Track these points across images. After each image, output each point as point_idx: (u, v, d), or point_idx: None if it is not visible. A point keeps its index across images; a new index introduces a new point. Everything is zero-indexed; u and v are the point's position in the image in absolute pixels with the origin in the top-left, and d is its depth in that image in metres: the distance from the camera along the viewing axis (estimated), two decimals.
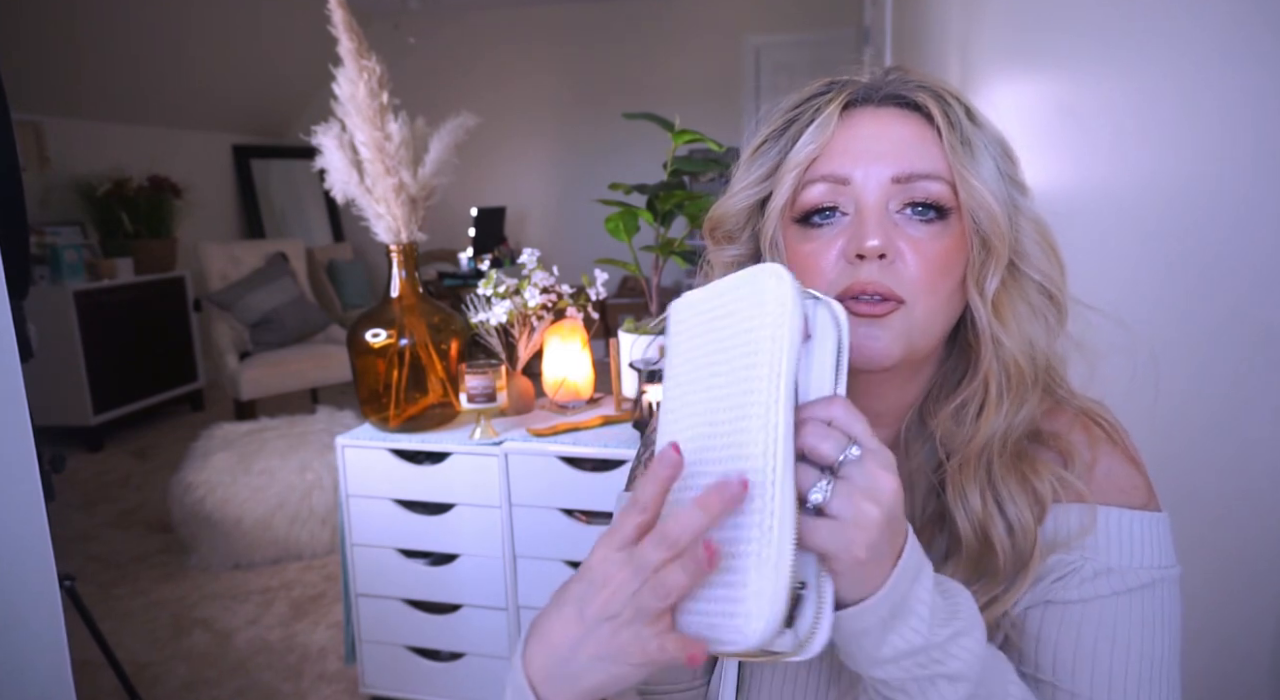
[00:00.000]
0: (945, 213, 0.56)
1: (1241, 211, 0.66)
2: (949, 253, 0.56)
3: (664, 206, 1.84)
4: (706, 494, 0.43)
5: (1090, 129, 0.99)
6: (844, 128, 0.58)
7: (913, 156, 0.56)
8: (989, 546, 0.55)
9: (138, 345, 4.24)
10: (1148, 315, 0.78)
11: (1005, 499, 0.56)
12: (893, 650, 0.46)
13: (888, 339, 0.54)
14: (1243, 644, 0.68)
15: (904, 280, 0.55)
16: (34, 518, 1.02)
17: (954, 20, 1.95)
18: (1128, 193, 0.88)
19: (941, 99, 0.58)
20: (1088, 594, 0.54)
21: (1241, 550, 0.68)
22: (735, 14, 5.55)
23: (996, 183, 0.56)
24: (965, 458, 0.57)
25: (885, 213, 0.56)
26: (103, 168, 4.48)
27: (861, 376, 0.59)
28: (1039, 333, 0.57)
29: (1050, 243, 0.59)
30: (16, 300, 1.32)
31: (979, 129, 0.58)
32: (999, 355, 0.56)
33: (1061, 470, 0.56)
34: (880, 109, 0.58)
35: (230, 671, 2.16)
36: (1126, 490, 0.57)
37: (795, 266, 0.59)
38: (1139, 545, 0.55)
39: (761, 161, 0.61)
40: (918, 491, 0.61)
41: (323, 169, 1.74)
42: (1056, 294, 0.58)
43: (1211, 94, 0.70)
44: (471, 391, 1.71)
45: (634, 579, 0.44)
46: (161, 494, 3.08)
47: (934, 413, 0.60)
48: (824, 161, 0.57)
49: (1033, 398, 0.57)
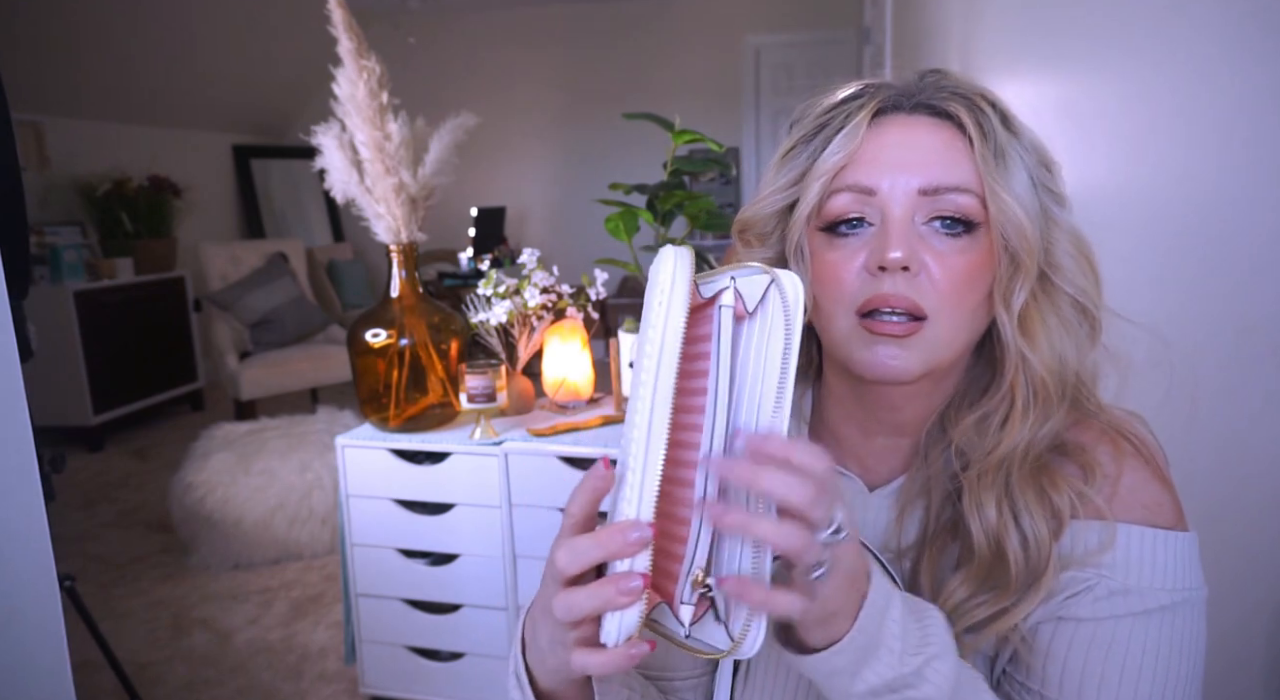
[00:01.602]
0: (973, 226, 0.54)
1: (1258, 213, 0.66)
2: (975, 267, 0.54)
3: (664, 206, 1.84)
4: (586, 475, 0.45)
5: (1091, 129, 0.99)
6: (873, 136, 0.57)
7: (941, 168, 0.54)
8: (1002, 558, 0.54)
9: (138, 345, 4.24)
10: (1150, 318, 0.78)
11: (1022, 511, 0.54)
12: (866, 685, 0.46)
13: (908, 358, 0.54)
14: (1236, 646, 0.68)
15: (927, 294, 0.54)
16: (34, 518, 1.02)
17: (954, 20, 1.95)
18: (1128, 193, 0.88)
19: (976, 107, 0.56)
20: (1100, 613, 0.53)
21: (1242, 552, 0.68)
22: (735, 14, 5.55)
23: (1029, 195, 0.54)
24: (984, 468, 0.56)
25: (911, 224, 0.54)
26: (103, 168, 4.48)
27: (883, 388, 0.58)
28: (1069, 347, 0.56)
29: (1086, 256, 0.57)
30: (16, 300, 1.32)
31: (1014, 137, 0.56)
32: (1025, 371, 0.55)
33: (1082, 485, 0.55)
34: (911, 117, 0.57)
35: (230, 671, 2.16)
36: (1150, 507, 0.55)
37: (819, 274, 0.58)
38: (1160, 566, 0.53)
39: (791, 166, 0.60)
40: (934, 498, 0.60)
41: (323, 169, 1.74)
42: (1090, 308, 0.57)
43: (1212, 94, 0.70)
44: (471, 391, 1.71)
45: (550, 587, 0.46)
46: (161, 494, 3.08)
47: (956, 420, 0.59)
48: (851, 170, 0.56)
49: (1059, 412, 0.56)
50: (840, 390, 0.63)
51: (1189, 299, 0.74)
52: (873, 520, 0.62)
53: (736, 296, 0.46)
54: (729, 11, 5.56)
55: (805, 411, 0.67)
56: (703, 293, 0.47)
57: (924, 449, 0.61)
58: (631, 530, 0.42)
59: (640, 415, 0.43)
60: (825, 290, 0.57)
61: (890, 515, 0.61)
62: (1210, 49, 0.70)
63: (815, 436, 0.66)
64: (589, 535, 0.44)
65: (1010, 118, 0.57)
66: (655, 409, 0.43)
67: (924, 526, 0.60)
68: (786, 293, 0.45)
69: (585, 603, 0.43)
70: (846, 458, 0.64)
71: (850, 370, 0.57)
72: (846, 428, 0.64)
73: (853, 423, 0.63)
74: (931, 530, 0.59)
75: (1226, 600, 0.68)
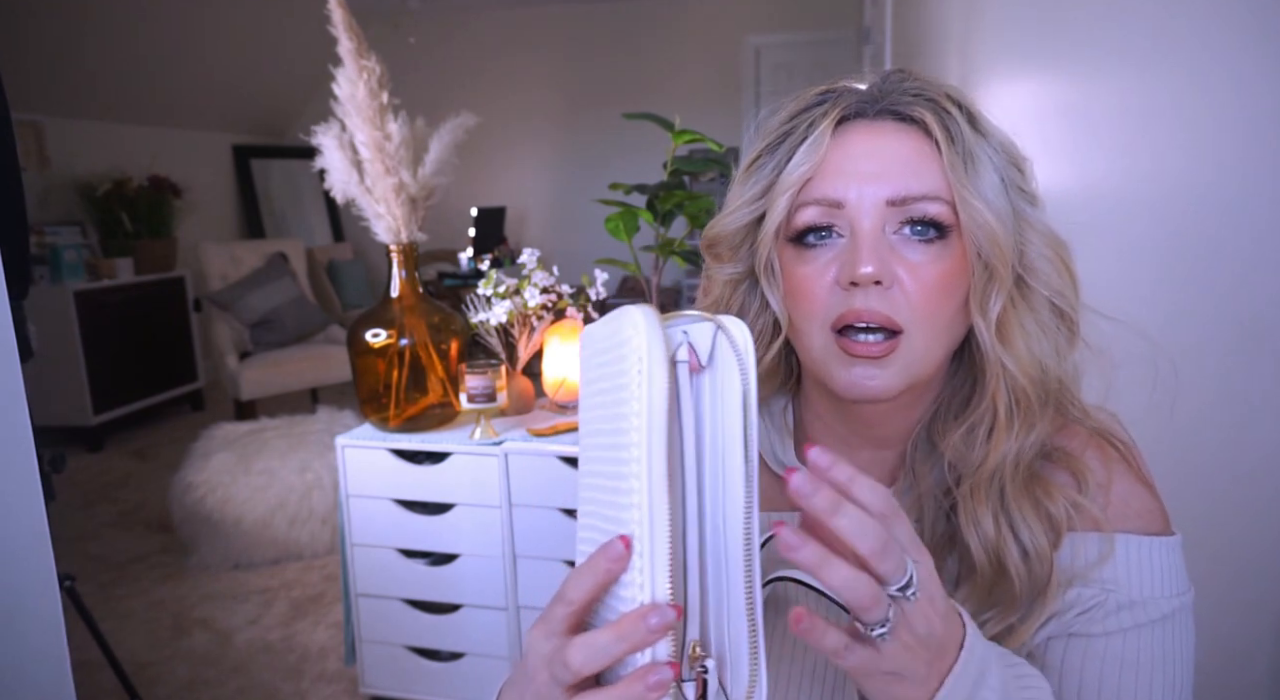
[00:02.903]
0: (945, 230, 0.53)
1: (1257, 213, 0.66)
2: (949, 276, 0.53)
3: (664, 206, 1.84)
4: (593, 557, 0.41)
5: (1091, 129, 0.99)
6: (838, 146, 0.55)
7: (909, 176, 0.53)
8: (1003, 573, 0.53)
9: (138, 345, 4.24)
10: (1150, 319, 0.78)
11: (1019, 523, 0.54)
12: None
13: (886, 377, 0.53)
14: (1240, 644, 0.68)
15: (901, 307, 0.52)
16: (34, 518, 1.02)
17: (954, 20, 1.95)
18: (1128, 194, 0.88)
19: (941, 110, 0.55)
20: (1111, 627, 0.53)
21: (1242, 553, 0.68)
22: (735, 14, 5.55)
23: (1000, 198, 0.53)
24: (976, 482, 0.55)
25: (881, 236, 0.53)
26: (103, 168, 4.48)
27: (864, 405, 0.57)
28: (1048, 352, 0.55)
29: (1062, 257, 0.56)
30: (16, 300, 1.32)
31: (982, 138, 0.55)
32: (1006, 378, 0.54)
33: (1076, 494, 0.54)
34: (875, 123, 0.56)
35: (230, 671, 2.16)
36: (1143, 515, 0.55)
37: (791, 289, 0.57)
38: (1159, 575, 0.53)
39: (756, 179, 0.59)
40: (926, 515, 0.59)
41: (323, 169, 1.74)
42: (1068, 311, 0.56)
43: (1210, 95, 0.70)
44: (471, 391, 1.71)
45: (551, 690, 0.42)
46: (161, 494, 3.08)
47: (943, 434, 0.58)
48: (817, 183, 0.55)
49: (1044, 418, 0.55)
50: (820, 405, 0.63)
51: (1187, 298, 0.74)
52: None
53: (691, 350, 0.44)
54: (729, 11, 5.56)
55: (789, 424, 0.66)
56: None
57: (910, 464, 0.60)
58: (653, 616, 0.38)
59: (637, 494, 0.40)
60: (798, 306, 0.56)
61: None
62: (1208, 50, 0.70)
63: (798, 451, 0.65)
64: (607, 630, 0.40)
65: (977, 117, 0.56)
66: (654, 487, 0.40)
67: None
68: (736, 341, 0.43)
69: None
70: None
71: (829, 388, 0.56)
72: (828, 441, 0.63)
73: (834, 437, 0.63)
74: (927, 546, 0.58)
75: (1225, 600, 0.68)
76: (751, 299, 0.63)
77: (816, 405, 0.63)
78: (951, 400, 0.59)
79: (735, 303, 0.63)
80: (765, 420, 0.66)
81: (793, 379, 0.66)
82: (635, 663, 0.40)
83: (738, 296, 0.63)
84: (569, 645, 0.40)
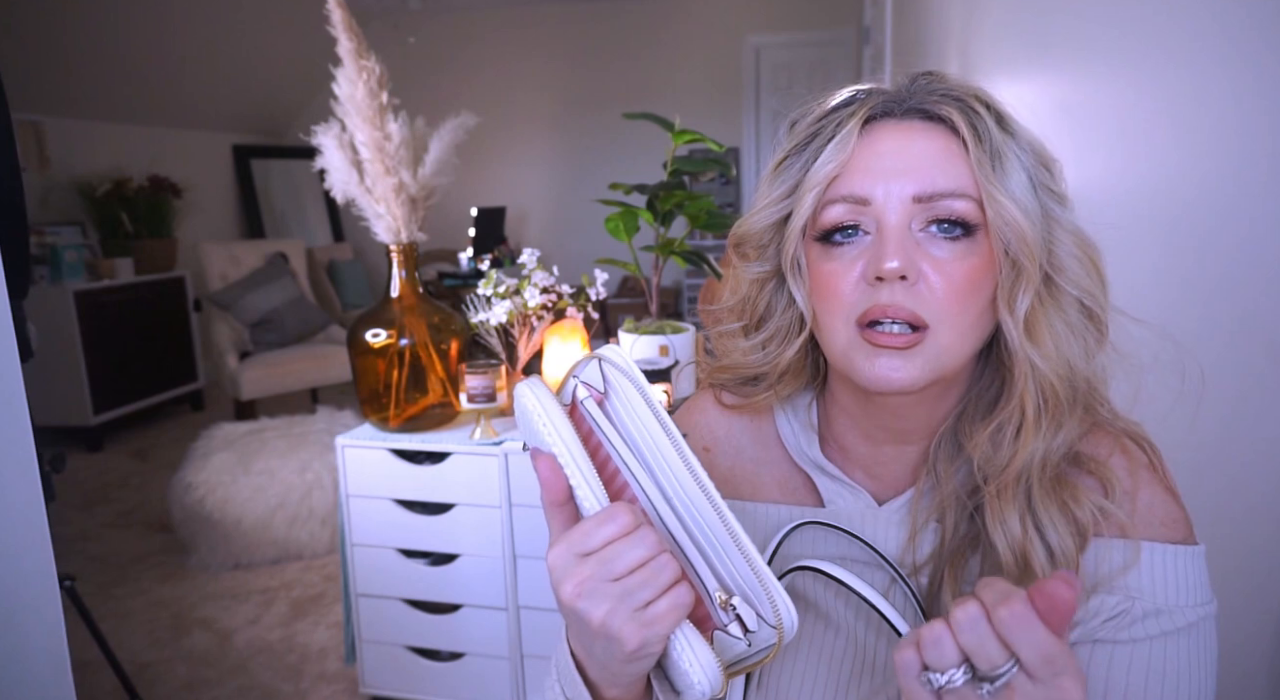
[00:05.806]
0: (972, 229, 0.53)
1: (1256, 213, 0.66)
2: (976, 272, 0.53)
3: (664, 206, 1.84)
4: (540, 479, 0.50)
5: (1088, 129, 0.99)
6: (865, 144, 0.56)
7: (935, 174, 0.53)
8: (1029, 573, 0.53)
9: (138, 345, 4.24)
10: (1162, 319, 0.78)
11: (1046, 525, 0.54)
12: None
13: (910, 369, 0.53)
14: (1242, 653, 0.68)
15: (927, 302, 0.53)
16: (34, 518, 1.02)
17: (954, 20, 1.95)
18: (1125, 193, 0.88)
19: (969, 109, 0.55)
20: (1138, 635, 0.53)
21: (1238, 550, 0.68)
22: (735, 14, 5.55)
23: (1028, 196, 0.53)
24: (1004, 482, 0.55)
25: (907, 232, 0.53)
26: (103, 168, 4.48)
27: (889, 397, 0.57)
28: (1077, 352, 0.54)
29: (1091, 257, 0.55)
30: (16, 300, 1.32)
31: (1011, 138, 0.55)
32: (1034, 377, 0.54)
33: (1102, 499, 0.54)
34: (903, 122, 0.56)
35: (230, 671, 2.16)
36: (1168, 523, 0.55)
37: (817, 286, 0.57)
38: (1184, 584, 0.54)
39: (784, 178, 0.59)
40: (949, 513, 0.59)
41: (323, 169, 1.74)
42: (1097, 311, 0.55)
43: (1209, 95, 0.70)
44: (471, 391, 1.71)
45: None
46: (161, 494, 3.08)
47: (970, 435, 0.57)
48: (844, 180, 0.55)
49: (1072, 419, 0.55)
50: (845, 399, 0.63)
51: (1185, 297, 0.74)
52: (883, 535, 0.61)
53: (588, 388, 0.52)
54: (729, 11, 5.56)
55: (813, 421, 0.66)
56: (564, 400, 0.54)
57: (934, 463, 0.60)
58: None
59: (557, 446, 0.50)
60: (824, 302, 0.57)
61: (902, 530, 0.60)
62: (1207, 50, 0.70)
63: (823, 447, 0.65)
64: (584, 521, 0.48)
65: (1006, 118, 0.56)
66: (560, 430, 0.50)
67: (940, 541, 0.59)
68: (616, 361, 0.53)
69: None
70: (853, 468, 0.64)
71: (854, 381, 0.56)
72: (852, 437, 0.63)
73: (859, 432, 0.63)
74: (949, 545, 0.58)
75: (1224, 600, 0.68)
76: (778, 297, 0.63)
77: (841, 400, 0.63)
78: (979, 401, 0.59)
79: (762, 301, 0.64)
80: (790, 417, 0.67)
81: (819, 377, 0.67)
82: (583, 508, 0.50)
83: (764, 295, 0.63)
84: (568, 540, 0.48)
